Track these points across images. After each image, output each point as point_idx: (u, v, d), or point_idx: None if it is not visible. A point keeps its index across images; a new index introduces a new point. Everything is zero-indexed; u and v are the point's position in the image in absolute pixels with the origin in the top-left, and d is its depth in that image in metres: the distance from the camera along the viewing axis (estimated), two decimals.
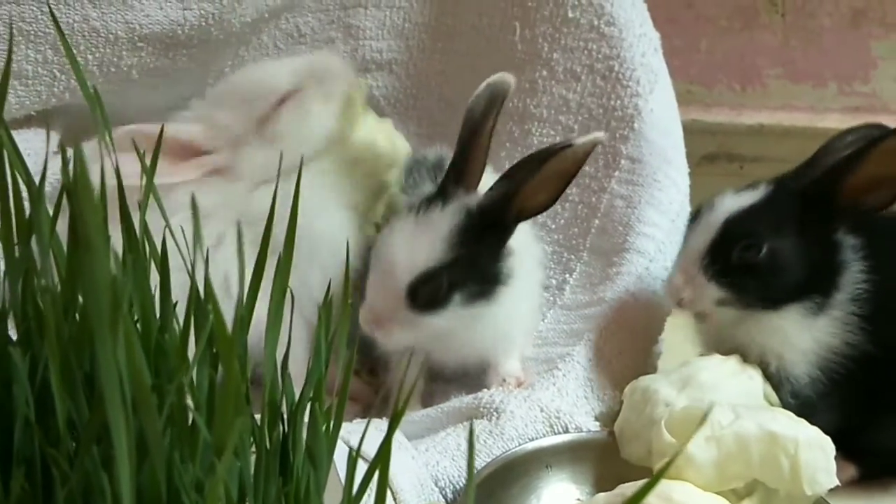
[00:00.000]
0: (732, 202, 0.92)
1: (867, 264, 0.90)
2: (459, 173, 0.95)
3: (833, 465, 0.78)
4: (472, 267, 0.93)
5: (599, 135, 0.92)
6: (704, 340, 0.98)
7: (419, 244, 0.92)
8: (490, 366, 1.01)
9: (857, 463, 0.93)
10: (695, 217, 0.94)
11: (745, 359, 0.92)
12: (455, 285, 0.92)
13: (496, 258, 0.95)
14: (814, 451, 0.77)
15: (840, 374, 0.90)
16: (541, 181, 0.91)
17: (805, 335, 0.90)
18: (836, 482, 0.78)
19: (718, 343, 0.95)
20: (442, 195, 0.94)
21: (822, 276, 0.90)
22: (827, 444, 0.78)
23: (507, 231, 0.95)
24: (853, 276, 0.90)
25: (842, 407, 0.91)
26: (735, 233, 0.90)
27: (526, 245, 1.04)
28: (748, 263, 0.89)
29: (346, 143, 1.01)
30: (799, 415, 0.82)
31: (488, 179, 0.98)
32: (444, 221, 0.92)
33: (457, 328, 0.95)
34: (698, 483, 0.78)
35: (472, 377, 1.02)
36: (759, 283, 0.90)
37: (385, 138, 1.03)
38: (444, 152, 1.09)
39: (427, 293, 0.91)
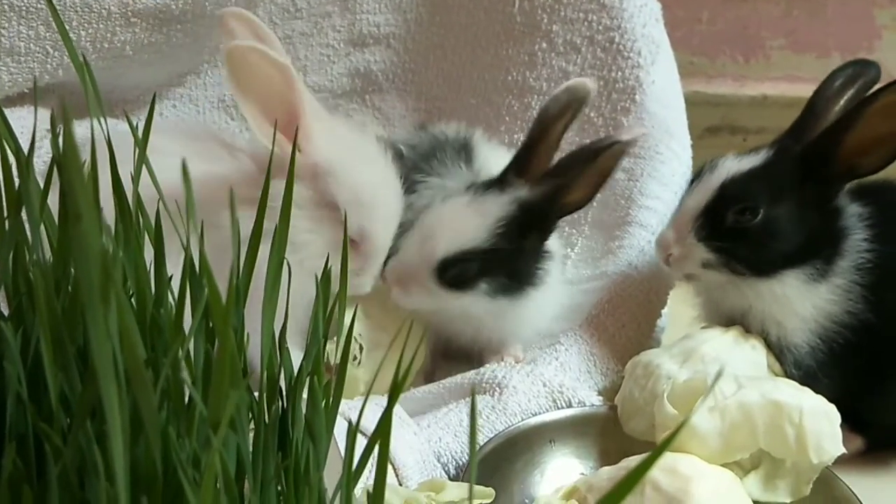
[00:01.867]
0: (733, 165, 0.91)
1: (872, 233, 0.89)
2: (522, 166, 0.95)
3: (839, 432, 0.77)
4: (509, 260, 0.93)
5: (643, 130, 0.93)
6: (706, 309, 0.97)
7: (465, 224, 0.92)
8: (497, 344, 1.01)
9: (864, 434, 0.92)
10: (696, 176, 0.93)
11: (746, 328, 0.91)
12: (485, 273, 0.92)
13: (535, 258, 0.95)
14: (819, 420, 0.77)
15: (840, 343, 0.89)
16: (587, 177, 0.92)
17: (805, 303, 0.89)
18: (843, 450, 0.77)
19: (719, 311, 0.94)
20: (501, 183, 0.94)
21: (822, 242, 0.89)
22: (832, 412, 0.78)
23: (551, 228, 0.95)
24: (857, 244, 0.89)
25: (843, 377, 0.90)
26: (731, 196, 0.89)
27: (556, 246, 1.03)
28: (742, 228, 0.88)
29: None
30: (802, 385, 0.81)
31: (499, 159, 0.99)
32: (496, 208, 0.92)
33: (474, 314, 0.95)
34: (703, 455, 0.77)
35: (475, 354, 1.02)
36: (750, 249, 0.89)
37: None
38: (467, 132, 1.08)
39: (456, 273, 0.91)
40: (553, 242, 0.99)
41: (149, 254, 0.54)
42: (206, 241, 0.50)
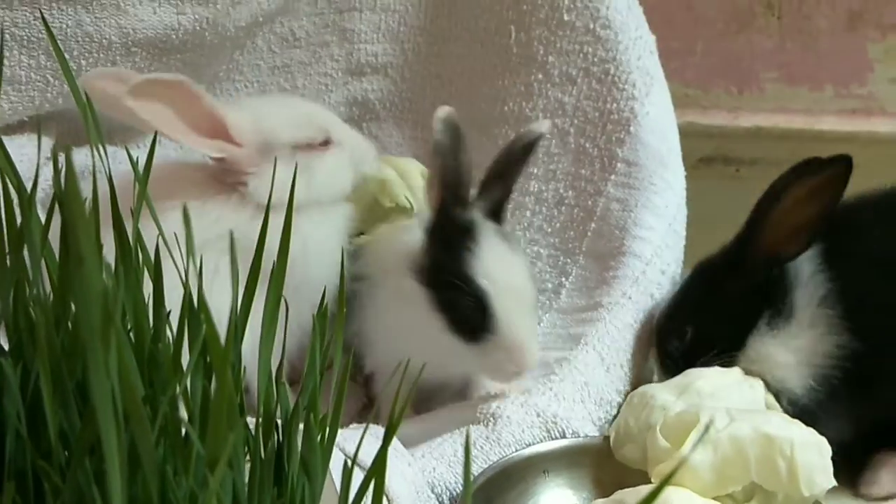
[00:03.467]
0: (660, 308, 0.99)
1: (821, 262, 0.91)
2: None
3: (829, 464, 0.78)
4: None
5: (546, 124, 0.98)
6: None
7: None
8: (471, 382, 1.02)
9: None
10: None
11: None
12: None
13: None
14: (810, 452, 0.77)
15: (838, 378, 0.89)
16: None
17: (782, 350, 0.91)
18: (833, 483, 0.78)
19: None
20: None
21: (763, 298, 0.92)
22: (822, 445, 0.78)
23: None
24: (809, 276, 0.91)
25: (849, 414, 0.91)
26: (661, 335, 0.97)
27: None
28: (686, 350, 0.94)
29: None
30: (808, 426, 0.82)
31: None
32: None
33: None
34: (696, 488, 0.78)
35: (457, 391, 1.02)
36: (708, 355, 0.92)
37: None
38: None
39: None
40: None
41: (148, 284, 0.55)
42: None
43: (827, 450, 0.78)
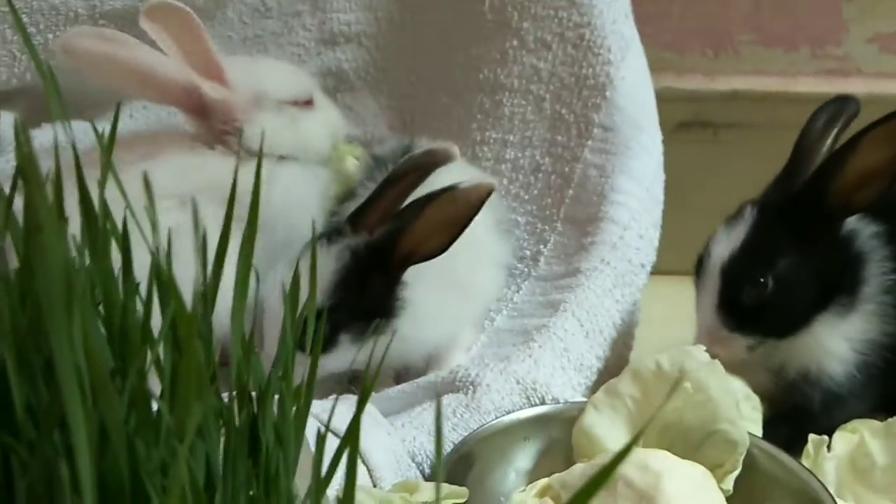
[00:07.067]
0: (724, 246, 0.92)
1: (892, 249, 0.90)
2: (360, 214, 0.94)
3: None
4: (358, 308, 0.92)
5: (489, 182, 0.90)
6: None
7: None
8: (433, 361, 1.02)
9: None
10: (698, 265, 0.94)
11: (785, 375, 0.92)
12: (339, 328, 0.92)
13: (386, 296, 0.94)
14: None
15: (878, 366, 0.90)
16: (427, 225, 0.90)
17: (839, 339, 0.90)
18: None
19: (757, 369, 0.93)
20: (329, 235, 0.94)
21: (841, 276, 0.89)
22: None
23: (395, 274, 0.94)
24: (878, 265, 0.90)
25: (874, 396, 0.91)
26: (736, 277, 0.90)
27: (481, 246, 1.03)
28: (761, 302, 0.89)
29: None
30: (826, 408, 0.86)
31: (458, 172, 0.97)
32: (330, 262, 0.91)
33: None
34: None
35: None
36: (778, 316, 0.90)
37: None
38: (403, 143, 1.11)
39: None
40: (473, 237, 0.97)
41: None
42: None
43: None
